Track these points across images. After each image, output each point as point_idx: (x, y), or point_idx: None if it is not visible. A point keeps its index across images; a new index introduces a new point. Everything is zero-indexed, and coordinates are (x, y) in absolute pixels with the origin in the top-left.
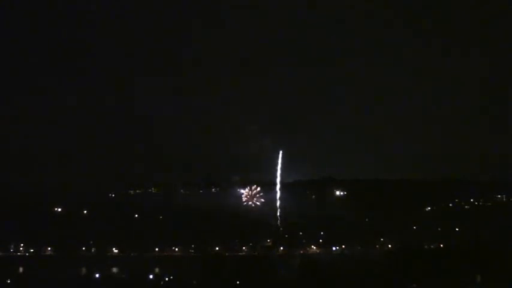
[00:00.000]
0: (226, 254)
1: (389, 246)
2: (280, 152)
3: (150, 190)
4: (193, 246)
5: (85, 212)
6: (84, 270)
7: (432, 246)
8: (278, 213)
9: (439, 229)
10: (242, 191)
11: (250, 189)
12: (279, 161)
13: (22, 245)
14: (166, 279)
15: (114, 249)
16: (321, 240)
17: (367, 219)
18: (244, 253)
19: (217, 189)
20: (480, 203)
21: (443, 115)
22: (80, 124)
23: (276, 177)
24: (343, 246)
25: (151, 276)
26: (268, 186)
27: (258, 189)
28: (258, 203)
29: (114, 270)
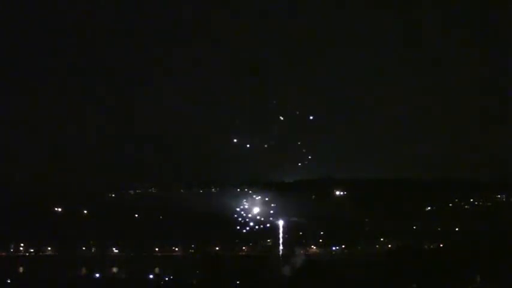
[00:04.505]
0: (226, 254)
1: (389, 246)
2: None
3: (150, 190)
4: (193, 246)
5: (85, 212)
6: (84, 270)
7: (432, 246)
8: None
9: (439, 229)
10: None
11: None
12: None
13: (22, 245)
14: (166, 279)
15: (114, 249)
16: (321, 240)
17: (367, 219)
18: (244, 253)
19: (217, 189)
20: (480, 203)
21: (443, 115)
22: (80, 124)
23: (276, 176)
24: (343, 246)
25: (151, 276)
26: (268, 186)
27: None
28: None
29: (114, 270)
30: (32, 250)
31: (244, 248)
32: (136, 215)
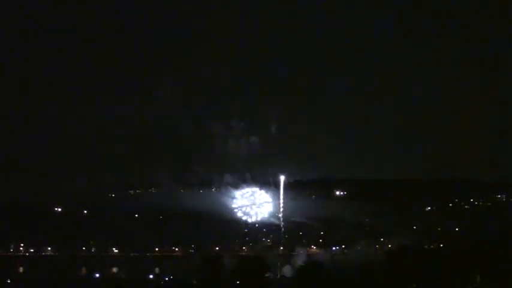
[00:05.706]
0: (226, 254)
1: (389, 246)
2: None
3: (150, 190)
4: (193, 246)
5: (85, 212)
6: (84, 270)
7: (432, 246)
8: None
9: (439, 229)
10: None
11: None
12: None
13: (22, 245)
14: (166, 279)
15: (114, 249)
16: (321, 240)
17: (367, 219)
18: (244, 253)
19: (217, 189)
20: (480, 203)
21: (443, 115)
22: (80, 124)
23: (277, 176)
24: (343, 246)
25: (151, 276)
26: (267, 186)
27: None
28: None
29: (114, 270)
30: (32, 250)
31: (244, 248)
32: (136, 215)
